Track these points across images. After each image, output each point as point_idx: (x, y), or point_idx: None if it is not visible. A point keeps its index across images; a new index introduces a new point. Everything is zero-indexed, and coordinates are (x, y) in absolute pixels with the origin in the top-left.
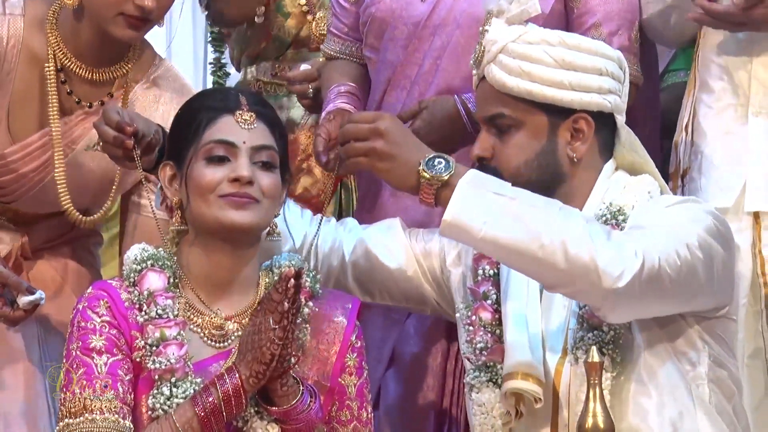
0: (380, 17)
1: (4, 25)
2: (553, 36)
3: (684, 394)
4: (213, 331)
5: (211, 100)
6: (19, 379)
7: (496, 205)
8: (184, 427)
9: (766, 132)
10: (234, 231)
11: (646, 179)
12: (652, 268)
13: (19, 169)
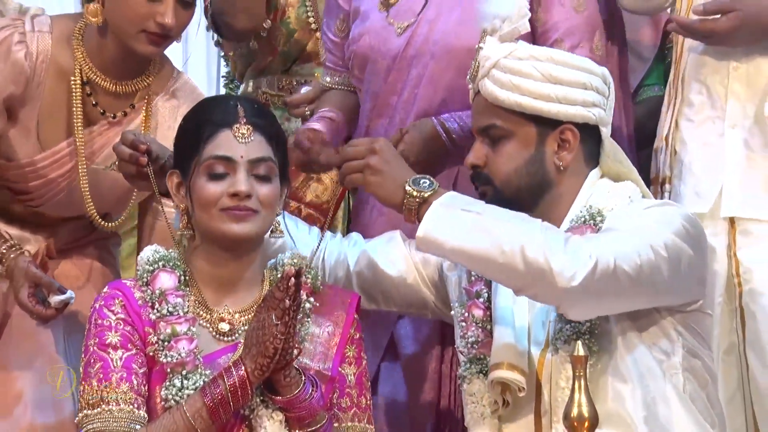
0: (361, 53)
1: (34, 42)
2: (541, 52)
3: (659, 381)
4: (221, 325)
5: (211, 113)
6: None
7: (463, 220)
8: (194, 417)
9: (741, 143)
10: (235, 241)
11: (629, 185)
12: (606, 269)
13: (48, 175)
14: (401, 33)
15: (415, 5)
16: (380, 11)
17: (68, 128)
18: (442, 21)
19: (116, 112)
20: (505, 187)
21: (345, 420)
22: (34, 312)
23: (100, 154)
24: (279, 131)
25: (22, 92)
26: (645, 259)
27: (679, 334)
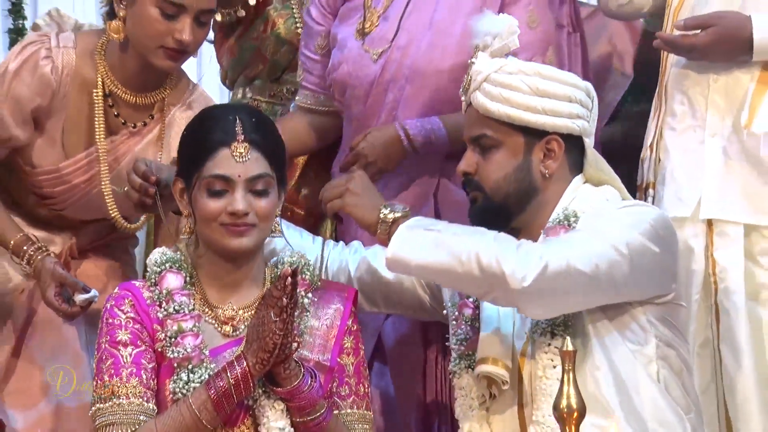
0: (341, 80)
1: (59, 57)
2: (529, 67)
3: (633, 369)
4: (225, 321)
5: (210, 130)
6: (69, 362)
7: (425, 239)
8: (200, 409)
9: (720, 151)
10: (235, 253)
11: (608, 189)
12: (558, 269)
13: (71, 181)
14: (377, 59)
15: (388, 33)
16: (356, 39)
17: (91, 137)
18: (414, 46)
19: (136, 122)
20: (494, 193)
21: (344, 407)
22: (61, 310)
23: (122, 161)
24: (276, 144)
25: (48, 104)
26: (603, 257)
27: (651, 324)
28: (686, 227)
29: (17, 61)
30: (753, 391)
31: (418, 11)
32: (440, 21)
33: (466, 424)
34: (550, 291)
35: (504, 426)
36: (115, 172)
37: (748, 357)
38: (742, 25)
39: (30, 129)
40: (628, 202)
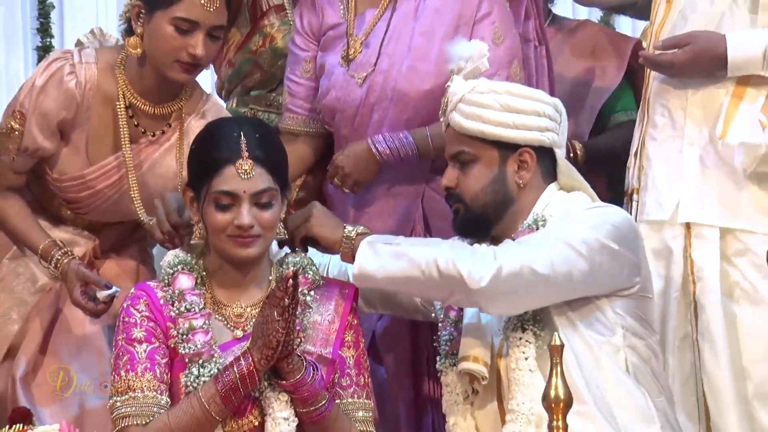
0: (330, 105)
1: (82, 72)
2: (499, 86)
3: (601, 358)
4: (234, 319)
5: (217, 147)
6: (93, 357)
7: (386, 252)
8: (209, 402)
9: (697, 159)
10: (241, 262)
11: (579, 194)
12: (512, 270)
13: (95, 186)
14: (362, 83)
15: (371, 58)
16: (342, 66)
17: (113, 146)
18: (395, 70)
19: (155, 131)
20: (473, 203)
21: (346, 397)
22: (87, 308)
23: (143, 167)
24: (279, 157)
25: (73, 117)
26: (560, 256)
27: (618, 315)
28: (666, 230)
29: (43, 77)
30: (729, 381)
31: (397, 37)
32: (418, 46)
33: (452, 417)
34: (507, 290)
35: (486, 418)
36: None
37: (724, 350)
38: (717, 43)
39: (56, 140)
40: (594, 205)
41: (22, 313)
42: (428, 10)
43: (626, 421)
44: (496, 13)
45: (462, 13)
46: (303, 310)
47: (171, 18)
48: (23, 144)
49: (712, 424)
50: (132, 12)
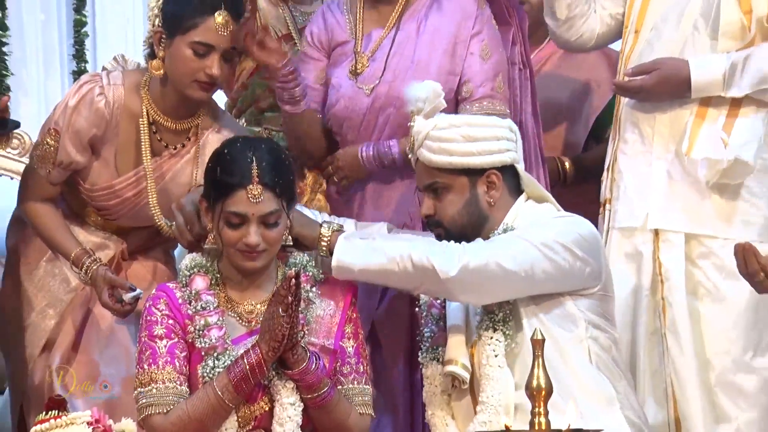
0: (339, 114)
1: (110, 93)
2: (458, 120)
3: (567, 349)
4: (245, 315)
5: (230, 171)
6: (121, 353)
7: (362, 246)
8: (222, 391)
9: (664, 173)
10: (248, 272)
11: (547, 206)
12: (479, 262)
13: (123, 195)
14: (369, 93)
15: (377, 71)
16: (350, 79)
17: (138, 158)
18: (399, 80)
19: (176, 145)
20: (452, 226)
21: (346, 383)
22: (114, 309)
23: (166, 177)
24: (287, 181)
25: (103, 133)
26: (526, 255)
27: (581, 311)
28: (637, 236)
29: (75, 98)
30: (693, 371)
31: (401, 53)
32: (420, 60)
33: (431, 408)
34: (474, 281)
35: (461, 409)
36: (160, 186)
37: (689, 344)
38: (681, 68)
39: (88, 154)
40: (562, 214)
41: (58, 310)
42: (429, 30)
43: (589, 406)
44: (486, 33)
45: (458, 33)
46: (306, 306)
47: (189, 42)
48: (58, 158)
49: (679, 409)
50: (154, 37)
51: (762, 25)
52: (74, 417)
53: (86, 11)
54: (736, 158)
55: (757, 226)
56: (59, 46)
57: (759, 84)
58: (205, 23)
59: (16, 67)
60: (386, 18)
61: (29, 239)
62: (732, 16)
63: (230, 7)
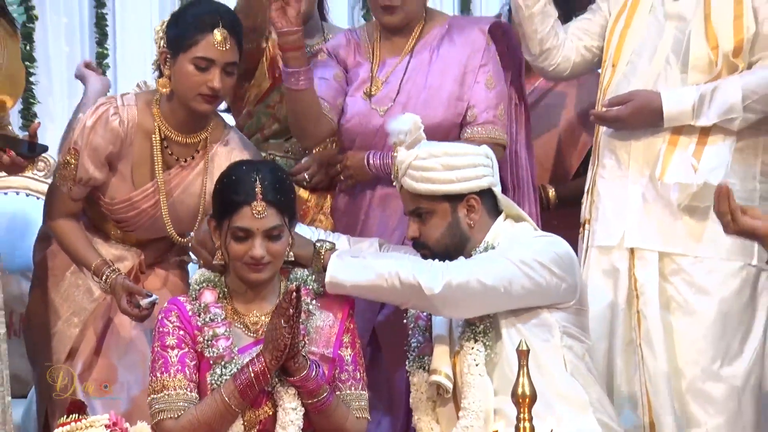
0: (352, 130)
1: (124, 113)
2: (437, 150)
3: (543, 357)
4: (250, 326)
5: (236, 190)
6: (139, 360)
7: (354, 264)
8: (229, 397)
9: (639, 196)
10: (254, 284)
11: (524, 225)
12: (461, 279)
13: (140, 207)
14: (383, 114)
15: (391, 93)
16: (364, 99)
17: (152, 172)
18: (412, 103)
19: (186, 158)
20: (436, 247)
21: (344, 389)
22: (132, 314)
23: (178, 189)
24: (289, 198)
25: (119, 150)
26: (506, 272)
27: (557, 322)
28: (614, 253)
29: (92, 119)
30: (666, 379)
31: (414, 78)
32: (432, 85)
33: (417, 413)
34: (457, 296)
35: (445, 415)
36: (173, 196)
37: (662, 353)
38: (654, 99)
39: (105, 170)
40: (541, 234)
41: (82, 318)
42: (441, 59)
43: (563, 411)
44: (491, 65)
45: (467, 64)
46: (306, 317)
47: (191, 58)
48: (78, 175)
49: (653, 414)
50: (160, 58)
51: (727, 59)
52: (93, 420)
53: (107, 45)
54: (705, 182)
55: (724, 245)
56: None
57: (725, 114)
58: (206, 40)
59: (42, 96)
60: (400, 48)
61: (54, 253)
62: (700, 52)
63: (228, 24)
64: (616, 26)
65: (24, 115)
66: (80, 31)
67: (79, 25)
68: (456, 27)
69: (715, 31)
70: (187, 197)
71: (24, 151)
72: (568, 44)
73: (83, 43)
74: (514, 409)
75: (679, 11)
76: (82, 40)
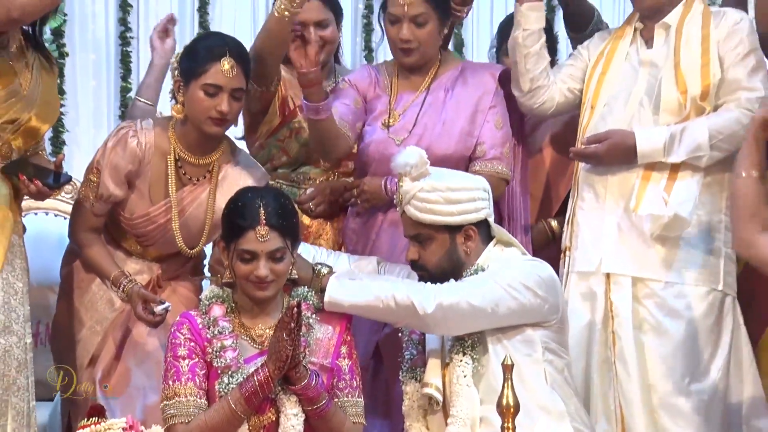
0: (370, 154)
1: (142, 135)
2: (440, 184)
3: (525, 371)
4: (256, 338)
5: (242, 216)
6: (153, 364)
7: (352, 285)
8: (235, 403)
9: (615, 226)
10: (259, 301)
11: (512, 249)
12: (452, 301)
13: (158, 221)
14: (399, 143)
15: (408, 125)
16: (382, 129)
17: (167, 189)
18: (427, 135)
19: (199, 177)
20: (434, 270)
21: (342, 396)
22: (147, 320)
23: (191, 206)
24: (291, 223)
25: (137, 169)
26: (493, 294)
27: (539, 338)
28: (592, 278)
29: (113, 140)
30: (638, 394)
31: (430, 112)
32: (447, 120)
33: (408, 420)
34: (448, 316)
35: (434, 422)
36: (185, 214)
37: (635, 370)
38: (628, 138)
39: (125, 188)
40: (527, 258)
41: (104, 326)
42: (455, 98)
43: (543, 420)
44: (499, 107)
45: (479, 103)
46: (307, 331)
47: (201, 85)
48: (99, 192)
49: (626, 426)
50: (175, 86)
51: (695, 102)
52: (111, 423)
53: (131, 79)
54: (675, 214)
55: (693, 271)
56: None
57: (693, 152)
58: (214, 68)
59: (71, 125)
60: (417, 85)
61: (80, 267)
62: (670, 95)
63: (235, 54)
64: (594, 71)
65: (53, 142)
66: (106, 67)
67: (105, 61)
68: (469, 70)
69: (684, 77)
70: (199, 213)
71: (50, 181)
72: (554, 86)
73: (109, 78)
74: (498, 418)
75: (652, 59)
76: (108, 75)
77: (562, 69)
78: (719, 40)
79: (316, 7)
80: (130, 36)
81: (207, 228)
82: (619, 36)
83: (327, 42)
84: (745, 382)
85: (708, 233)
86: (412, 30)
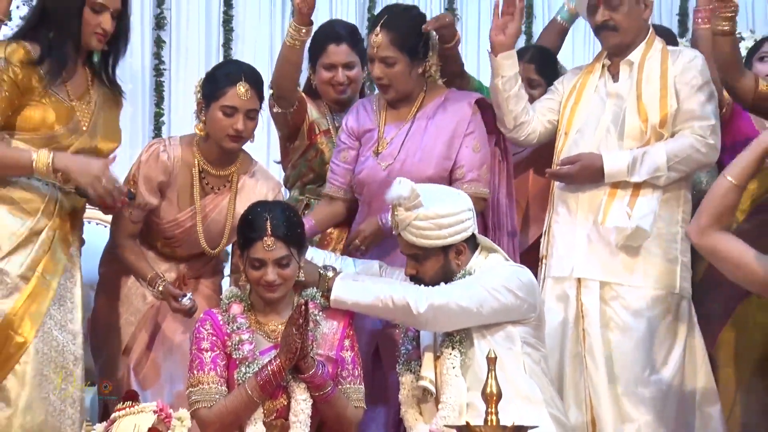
0: (362, 180)
1: (171, 150)
2: (432, 213)
3: (506, 362)
4: (269, 333)
5: (251, 228)
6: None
7: (355, 286)
8: (252, 390)
9: (585, 237)
10: (270, 302)
11: (495, 255)
12: (442, 302)
13: (185, 226)
14: (385, 168)
15: (393, 152)
16: (373, 157)
17: (193, 198)
18: (409, 160)
19: (219, 187)
20: (431, 283)
21: (345, 384)
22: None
23: (213, 212)
24: (296, 233)
25: (167, 179)
26: (478, 295)
27: (519, 333)
28: (565, 283)
29: (146, 155)
30: (605, 384)
31: (412, 139)
32: (426, 146)
33: (404, 407)
34: (438, 315)
35: (427, 408)
36: (208, 219)
37: (602, 363)
38: (597, 160)
39: (157, 196)
40: (510, 263)
41: (138, 318)
42: (434, 126)
43: (522, 406)
44: (477, 132)
45: (456, 129)
46: (314, 326)
47: (220, 106)
48: (136, 201)
49: (594, 413)
50: (197, 108)
51: (655, 130)
52: (144, 406)
53: (164, 106)
54: (637, 227)
55: (653, 276)
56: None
57: (653, 173)
58: (231, 92)
59: None
60: (404, 115)
61: (117, 266)
62: (633, 123)
63: (250, 79)
64: (567, 102)
65: None
66: (141, 95)
67: (141, 90)
68: (451, 99)
69: (645, 107)
70: (220, 218)
71: (129, 197)
72: (535, 120)
73: (144, 105)
74: (483, 404)
75: (617, 91)
76: (143, 102)
77: (541, 103)
78: (676, 75)
79: (344, 51)
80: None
81: (227, 231)
82: (589, 71)
83: (352, 81)
84: (699, 374)
85: (666, 243)
86: (382, 69)
